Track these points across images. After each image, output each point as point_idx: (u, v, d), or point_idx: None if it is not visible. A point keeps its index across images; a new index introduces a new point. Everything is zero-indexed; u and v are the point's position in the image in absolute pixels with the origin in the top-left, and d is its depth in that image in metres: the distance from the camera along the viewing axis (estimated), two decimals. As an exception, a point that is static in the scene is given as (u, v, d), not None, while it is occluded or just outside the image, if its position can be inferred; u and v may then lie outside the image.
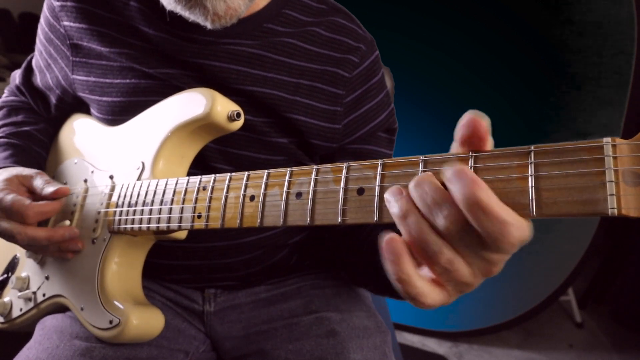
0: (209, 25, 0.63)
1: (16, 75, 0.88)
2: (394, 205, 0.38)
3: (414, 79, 1.77)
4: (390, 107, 0.80)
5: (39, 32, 0.79)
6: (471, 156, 0.37)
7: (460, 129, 0.37)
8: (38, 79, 0.82)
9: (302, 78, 0.71)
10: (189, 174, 0.66)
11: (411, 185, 0.37)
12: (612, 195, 0.32)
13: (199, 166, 0.69)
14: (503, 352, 1.93)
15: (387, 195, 0.38)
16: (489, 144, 0.37)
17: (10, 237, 0.66)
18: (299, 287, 0.82)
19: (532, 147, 0.35)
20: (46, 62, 0.79)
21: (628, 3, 1.53)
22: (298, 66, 0.71)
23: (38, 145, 0.82)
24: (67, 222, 0.70)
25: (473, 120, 0.36)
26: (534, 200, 0.34)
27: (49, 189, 0.67)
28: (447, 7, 1.73)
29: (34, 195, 0.69)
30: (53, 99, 0.81)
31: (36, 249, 0.69)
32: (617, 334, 2.03)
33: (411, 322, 2.02)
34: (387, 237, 0.37)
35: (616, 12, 1.55)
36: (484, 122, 0.36)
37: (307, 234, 0.82)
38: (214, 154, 0.71)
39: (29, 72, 0.85)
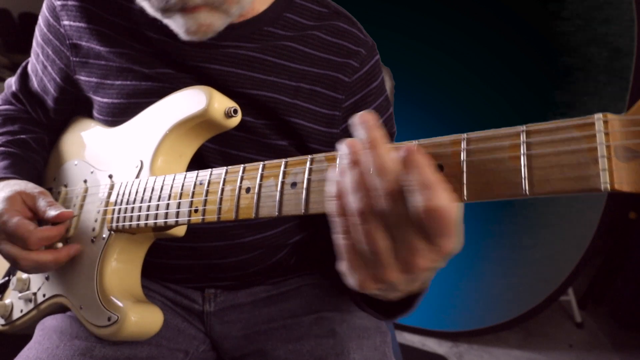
0: (183, 38, 0.63)
1: (11, 83, 0.86)
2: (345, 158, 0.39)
3: (414, 79, 1.77)
4: (389, 112, 0.80)
5: (37, 34, 0.78)
6: (464, 138, 0.38)
7: None
8: (35, 83, 0.81)
9: (302, 82, 0.71)
10: None
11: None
12: (605, 170, 0.32)
13: (198, 167, 0.69)
14: (503, 352, 1.93)
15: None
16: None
17: (13, 262, 0.65)
18: (299, 287, 0.82)
19: (524, 127, 0.35)
20: (42, 65, 0.78)
21: (628, 2, 1.53)
22: (298, 70, 0.71)
23: (36, 154, 0.81)
24: (60, 245, 0.68)
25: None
26: (526, 179, 0.34)
27: (52, 212, 0.65)
28: (447, 7, 1.73)
29: (36, 214, 0.67)
30: (50, 102, 0.80)
31: (37, 271, 0.67)
32: (617, 334, 2.03)
33: (411, 322, 2.02)
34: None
35: (616, 11, 1.56)
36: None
37: (307, 233, 0.82)
38: (214, 154, 0.71)
39: (25, 78, 0.84)
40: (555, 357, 1.91)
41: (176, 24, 0.62)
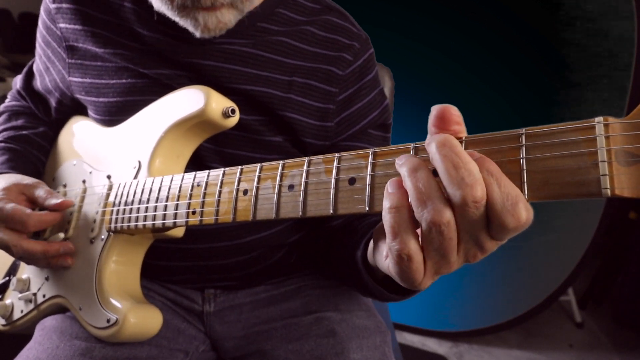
0: (197, 35, 0.64)
1: (17, 80, 0.88)
2: (406, 160, 0.37)
3: (414, 79, 1.77)
4: (383, 104, 0.80)
5: (38, 35, 0.80)
6: (463, 141, 0.37)
7: (433, 122, 0.37)
8: (38, 83, 0.83)
9: (295, 76, 0.71)
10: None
11: (435, 143, 0.35)
12: (605, 175, 0.31)
13: (195, 166, 0.69)
14: (503, 352, 1.93)
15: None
16: (463, 129, 0.38)
17: (5, 248, 0.67)
18: (298, 287, 0.82)
19: (523, 130, 0.35)
20: (45, 65, 0.79)
21: (628, 2, 1.53)
22: (291, 64, 0.71)
23: (37, 150, 0.82)
24: (62, 235, 0.69)
25: (443, 111, 0.37)
26: (526, 183, 0.34)
27: (53, 200, 0.67)
28: (447, 7, 1.73)
29: (34, 204, 0.69)
30: (53, 102, 0.82)
31: (29, 261, 0.69)
32: (617, 334, 2.03)
33: (411, 322, 2.02)
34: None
35: (616, 11, 1.56)
36: (454, 111, 0.37)
37: (306, 232, 0.82)
38: (210, 154, 0.71)
39: (29, 77, 0.86)
40: (555, 357, 1.91)
41: (193, 22, 0.62)
